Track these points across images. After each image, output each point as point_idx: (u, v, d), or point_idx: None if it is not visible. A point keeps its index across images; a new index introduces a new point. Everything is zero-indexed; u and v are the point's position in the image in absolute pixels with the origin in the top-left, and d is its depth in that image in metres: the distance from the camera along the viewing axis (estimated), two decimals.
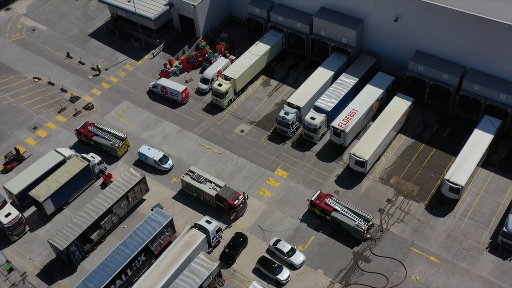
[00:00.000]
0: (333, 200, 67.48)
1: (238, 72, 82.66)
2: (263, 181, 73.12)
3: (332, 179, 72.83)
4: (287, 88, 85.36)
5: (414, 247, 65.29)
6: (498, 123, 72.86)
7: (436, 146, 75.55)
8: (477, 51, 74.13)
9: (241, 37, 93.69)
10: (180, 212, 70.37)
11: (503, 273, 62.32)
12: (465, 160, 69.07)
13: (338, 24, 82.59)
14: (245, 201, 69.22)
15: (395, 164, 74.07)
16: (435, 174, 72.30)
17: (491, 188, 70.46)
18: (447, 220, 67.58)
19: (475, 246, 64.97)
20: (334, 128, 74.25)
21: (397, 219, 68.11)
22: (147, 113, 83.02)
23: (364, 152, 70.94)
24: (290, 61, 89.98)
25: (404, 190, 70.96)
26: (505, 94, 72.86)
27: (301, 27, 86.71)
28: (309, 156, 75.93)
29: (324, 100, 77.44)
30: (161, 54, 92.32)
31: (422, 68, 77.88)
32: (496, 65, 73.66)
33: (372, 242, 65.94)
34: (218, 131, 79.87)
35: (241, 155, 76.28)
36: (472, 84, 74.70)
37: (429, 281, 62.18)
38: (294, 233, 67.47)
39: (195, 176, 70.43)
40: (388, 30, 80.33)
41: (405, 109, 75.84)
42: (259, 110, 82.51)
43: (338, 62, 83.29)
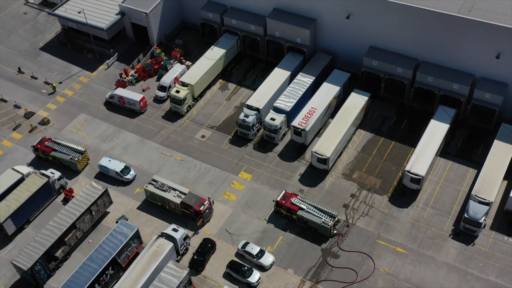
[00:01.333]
0: (298, 199, 67.88)
1: (195, 78, 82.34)
2: (227, 185, 72.99)
3: (296, 178, 73.28)
4: (245, 91, 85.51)
5: (380, 240, 66.28)
6: (453, 112, 74.70)
7: (395, 139, 76.94)
8: (428, 43, 75.89)
9: (196, 42, 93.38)
10: (146, 222, 69.57)
11: (467, 258, 63.89)
12: (424, 151, 70.55)
13: (292, 24, 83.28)
14: (210, 207, 68.94)
15: (357, 159, 75.07)
16: (396, 166, 73.60)
17: (451, 176, 72.18)
18: (411, 211, 68.87)
19: (439, 234, 66.39)
20: (295, 128, 74.75)
21: (362, 213, 69.03)
22: (106, 124, 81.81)
23: (326, 149, 71.64)
24: (247, 63, 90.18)
25: (367, 184, 71.97)
26: (458, 84, 74.81)
27: (255, 29, 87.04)
28: (272, 157, 76.21)
29: (282, 100, 77.89)
30: (116, 64, 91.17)
31: (376, 63, 79.23)
32: (448, 56, 75.56)
33: (339, 238, 66.61)
34: (179, 138, 79.34)
35: (204, 161, 75.97)
36: (425, 76, 76.43)
37: (397, 272, 63.23)
38: (262, 235, 67.56)
39: (159, 185, 69.76)
40: (341, 28, 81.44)
41: (363, 104, 76.97)
42: (219, 115, 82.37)
43: (294, 62, 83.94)
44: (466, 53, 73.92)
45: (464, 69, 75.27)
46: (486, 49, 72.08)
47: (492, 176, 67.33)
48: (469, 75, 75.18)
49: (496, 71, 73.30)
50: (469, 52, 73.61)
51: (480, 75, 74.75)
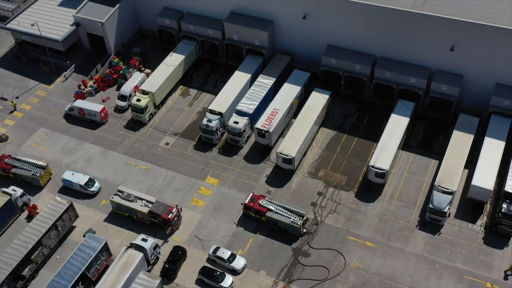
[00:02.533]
0: (266, 201, 68.09)
1: (155, 85, 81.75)
2: (194, 191, 72.68)
3: (262, 180, 73.49)
4: (207, 96, 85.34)
5: (349, 235, 67.03)
6: (412, 106, 76.17)
7: (358, 135, 78.00)
8: (384, 39, 77.25)
9: (154, 49, 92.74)
10: (114, 234, 68.64)
11: (434, 248, 65.21)
12: (386, 145, 71.70)
13: (249, 27, 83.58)
14: (179, 214, 68.51)
15: (321, 157, 75.78)
16: (360, 162, 74.62)
17: (413, 168, 73.57)
18: (377, 205, 69.90)
19: (406, 226, 67.58)
20: (258, 130, 74.98)
21: (330, 210, 69.70)
22: (66, 137, 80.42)
23: (290, 149, 72.09)
24: (207, 68, 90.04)
25: (333, 181, 72.72)
26: (415, 78, 76.36)
27: (213, 33, 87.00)
28: (237, 160, 76.24)
29: (245, 103, 78.04)
30: (74, 76, 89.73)
31: (335, 62, 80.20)
32: (404, 51, 77.04)
33: (309, 236, 67.10)
34: (143, 146, 78.61)
35: (169, 168, 75.45)
36: (383, 71, 77.76)
37: (368, 266, 64.06)
38: (232, 239, 67.50)
39: (125, 195, 68.95)
40: (298, 28, 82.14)
41: (324, 103, 77.76)
42: (182, 121, 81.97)
43: (253, 64, 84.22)
44: (422, 47, 75.55)
45: (421, 62, 76.89)
46: (440, 42, 73.81)
47: (454, 166, 68.91)
48: (426, 68, 76.84)
49: (451, 63, 75.13)
50: (424, 46, 75.24)
51: (436, 68, 76.49)
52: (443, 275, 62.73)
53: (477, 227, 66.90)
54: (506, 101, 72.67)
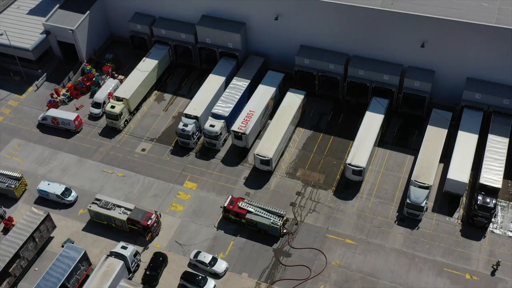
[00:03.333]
0: (246, 203, 68.08)
1: (129, 91, 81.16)
2: (173, 196, 72.32)
3: (241, 182, 73.47)
4: (182, 100, 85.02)
5: (329, 234, 67.40)
6: (386, 103, 76.97)
7: (334, 134, 78.49)
8: (356, 38, 77.91)
9: (127, 55, 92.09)
10: (93, 243, 67.92)
11: (413, 242, 65.94)
12: (362, 143, 72.30)
13: (221, 30, 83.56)
14: (158, 220, 68.09)
15: (299, 157, 76.07)
16: (337, 160, 75.10)
17: (390, 164, 74.33)
18: (356, 202, 70.42)
19: (384, 222, 68.21)
20: (235, 132, 74.96)
21: (309, 209, 70.00)
22: (41, 147, 79.33)
23: (268, 150, 72.23)
24: (180, 72, 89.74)
25: (311, 181, 73.04)
26: (388, 75, 77.18)
27: (186, 37, 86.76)
28: (215, 163, 76.10)
29: (220, 106, 77.97)
30: (46, 85, 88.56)
31: (309, 62, 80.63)
32: (376, 49, 77.80)
33: (289, 237, 67.28)
34: (119, 153, 77.96)
35: (147, 174, 74.96)
36: (356, 70, 78.42)
37: (349, 263, 64.48)
38: (213, 242, 67.34)
39: (103, 203, 68.29)
40: (270, 29, 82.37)
41: (299, 103, 78.09)
42: (157, 126, 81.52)
43: (227, 67, 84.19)
44: (393, 44, 76.41)
45: (393, 60, 77.75)
46: (411, 39, 74.74)
47: (429, 161, 69.80)
48: (398, 65, 77.70)
49: (423, 60, 76.12)
50: (396, 43, 76.12)
51: (408, 64, 77.42)
52: (423, 268, 63.47)
53: (454, 220, 67.87)
54: (477, 95, 73.89)
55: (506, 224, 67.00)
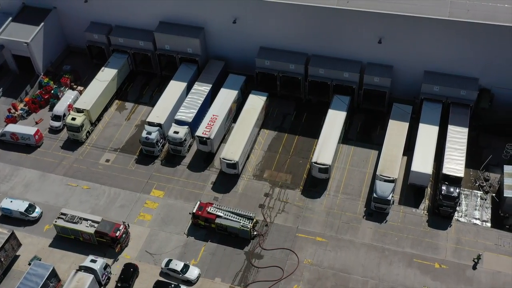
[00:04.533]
0: (214, 207, 67.87)
1: (90, 102, 79.97)
2: (140, 206, 71.54)
3: (208, 187, 73.20)
4: (144, 108, 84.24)
5: (300, 233, 67.73)
6: (347, 100, 77.86)
7: (298, 133, 78.99)
8: (315, 37, 78.61)
9: (85, 66, 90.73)
10: (61, 259, 66.59)
11: (382, 235, 66.86)
12: (327, 141, 72.95)
13: (180, 36, 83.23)
14: (127, 231, 67.24)
15: (265, 158, 76.26)
16: (303, 160, 75.59)
17: (355, 160, 75.21)
18: (324, 200, 70.98)
19: (353, 217, 68.96)
20: (199, 137, 74.67)
21: (278, 210, 70.21)
22: (1, 164, 77.36)
23: (233, 154, 72.17)
24: (141, 80, 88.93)
25: (279, 181, 73.31)
26: (348, 72, 78.13)
27: (144, 44, 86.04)
28: (181, 170, 75.62)
29: (183, 112, 77.56)
30: (2, 100, 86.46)
31: (269, 63, 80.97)
32: (335, 47, 78.62)
33: (260, 238, 67.34)
34: (83, 166, 76.69)
35: (112, 185, 73.95)
36: (317, 69, 79.13)
37: (321, 261, 64.93)
38: (184, 249, 66.86)
39: (69, 217, 67.07)
40: (229, 33, 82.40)
41: (262, 104, 78.32)
42: (120, 136, 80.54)
43: (188, 72, 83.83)
44: (351, 42, 77.38)
45: (352, 57, 78.72)
46: (368, 36, 75.83)
47: (393, 154, 70.90)
48: (357, 62, 78.72)
49: (381, 56, 77.32)
50: (354, 40, 77.11)
51: (367, 61, 78.51)
52: (393, 261, 64.40)
53: (421, 211, 69.10)
54: (435, 87, 75.45)
55: (470, 212, 68.60)
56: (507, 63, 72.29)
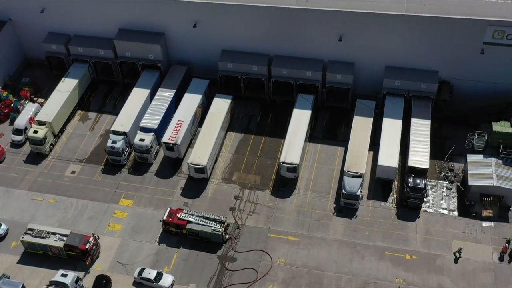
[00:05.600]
0: (185, 213, 67.48)
1: (51, 114, 78.58)
2: (109, 216, 70.59)
3: (177, 193, 72.74)
4: (107, 117, 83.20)
5: (271, 233, 67.87)
6: (311, 98, 78.46)
7: (265, 134, 79.20)
8: (276, 38, 78.92)
9: (45, 77, 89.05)
10: (31, 275, 65.18)
11: (353, 231, 67.54)
12: (293, 140, 73.34)
13: (141, 42, 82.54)
14: (97, 242, 66.26)
15: (233, 161, 76.19)
16: (271, 160, 75.79)
17: (322, 158, 75.80)
18: (294, 199, 71.31)
19: (324, 215, 69.45)
20: (166, 144, 74.15)
21: (249, 211, 70.23)
22: None
23: (201, 158, 71.90)
24: (103, 89, 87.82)
25: (248, 183, 73.34)
26: (311, 71, 78.72)
27: (105, 53, 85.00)
28: (149, 177, 74.94)
29: (148, 119, 76.90)
30: None
31: (232, 65, 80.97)
32: (296, 46, 79.07)
33: (232, 241, 67.22)
34: (48, 179, 75.26)
35: (79, 197, 72.79)
36: (279, 69, 79.51)
37: (294, 260, 65.18)
38: (156, 257, 66.26)
39: (36, 232, 65.71)
40: (190, 37, 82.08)
41: (227, 107, 78.25)
42: (85, 147, 79.36)
43: (151, 79, 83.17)
44: (312, 40, 77.97)
45: (314, 56, 79.32)
46: (328, 34, 76.51)
47: (359, 150, 71.71)
48: (319, 61, 79.35)
49: (342, 53, 78.12)
50: (314, 39, 77.73)
51: (329, 59, 79.25)
52: (365, 255, 65.11)
53: (389, 204, 70.08)
54: (396, 82, 76.65)
55: (437, 202, 69.90)
56: (464, 55, 74.00)
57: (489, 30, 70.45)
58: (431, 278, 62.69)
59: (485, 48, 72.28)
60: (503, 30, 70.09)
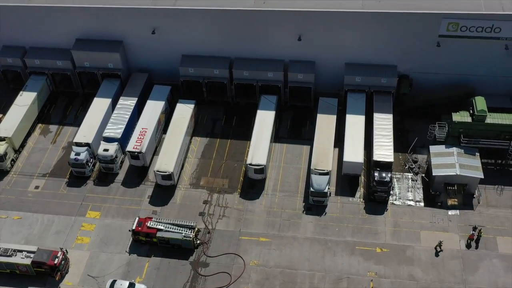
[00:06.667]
0: (154, 221, 66.81)
1: (11, 129, 76.80)
2: (77, 230, 69.36)
3: (145, 201, 72.00)
4: (69, 129, 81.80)
5: (243, 236, 67.81)
6: (274, 99, 78.76)
7: (230, 137, 79.14)
8: (236, 40, 78.93)
9: (1, 92, 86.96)
10: None
11: (323, 228, 68.04)
12: (259, 141, 73.48)
13: (99, 51, 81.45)
14: (65, 257, 65.01)
15: (199, 166, 75.88)
16: (238, 163, 75.76)
17: (289, 157, 76.16)
18: (262, 200, 71.41)
19: (293, 214, 69.76)
20: (131, 152, 73.36)
21: (219, 215, 70.02)
22: None
23: (167, 165, 71.37)
24: (63, 101, 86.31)
25: (216, 187, 73.12)
26: (272, 72, 79.10)
27: (63, 64, 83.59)
28: (115, 187, 73.97)
29: (111, 128, 75.92)
30: None
31: (193, 70, 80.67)
32: (257, 48, 79.24)
33: (204, 246, 66.91)
34: (11, 196, 73.49)
35: (45, 212, 71.30)
36: (241, 71, 79.59)
37: (266, 260, 65.25)
38: (128, 268, 65.41)
39: (1, 251, 64.00)
40: (149, 44, 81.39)
41: (191, 113, 77.89)
42: (48, 161, 77.81)
43: (111, 88, 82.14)
44: (272, 41, 78.28)
45: (274, 56, 79.64)
46: (287, 34, 76.94)
47: (324, 148, 72.30)
48: (280, 61, 79.71)
49: (302, 52, 78.67)
50: (274, 40, 78.05)
51: (289, 59, 79.70)
52: (337, 251, 65.66)
53: (357, 199, 70.87)
54: (357, 78, 77.62)
55: (403, 194, 71.06)
56: (421, 49, 75.46)
57: (444, 23, 72.08)
58: (402, 269, 63.63)
59: (440, 40, 73.90)
60: (457, 23, 71.80)
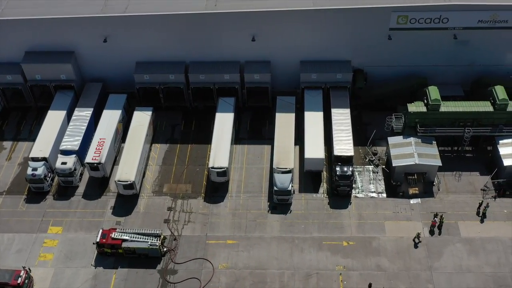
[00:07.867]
0: (118, 232, 65.74)
1: None
2: (39, 247, 67.59)
3: (108, 213, 70.79)
4: (24, 144, 79.70)
5: (209, 240, 67.44)
6: (232, 101, 78.70)
7: (190, 142, 78.67)
8: (190, 44, 78.50)
9: None
10: None
11: (289, 226, 68.31)
12: (220, 144, 73.24)
13: (50, 63, 79.71)
14: (29, 275, 63.26)
15: (161, 173, 75.12)
16: (200, 167, 75.36)
17: (250, 158, 76.21)
18: (227, 202, 71.21)
19: (259, 214, 69.80)
20: (90, 164, 72.00)
21: (184, 221, 69.47)
22: None
23: (128, 174, 70.37)
24: (16, 116, 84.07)
25: (180, 193, 72.52)
26: (228, 74, 79.01)
27: (13, 78, 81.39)
28: (76, 201, 72.49)
29: (68, 141, 74.36)
30: None
31: (148, 77, 79.85)
32: (211, 51, 78.92)
33: (171, 254, 66.23)
34: None
35: (4, 231, 69.21)
36: (197, 75, 79.21)
37: (235, 263, 65.06)
38: (94, 282, 64.12)
39: None
40: (102, 53, 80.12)
41: (148, 120, 77.04)
42: (4, 178, 75.62)
43: (66, 99, 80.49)
44: (226, 43, 78.17)
45: (229, 58, 79.54)
46: (241, 35, 77.00)
47: (285, 146, 72.62)
48: (235, 63, 79.68)
49: (257, 53, 78.84)
50: (228, 42, 77.97)
51: (244, 60, 79.79)
52: (304, 248, 66.01)
53: (321, 195, 71.46)
54: (313, 75, 78.37)
55: (365, 186, 72.03)
56: (373, 42, 76.71)
57: (393, 16, 73.49)
58: (369, 260, 64.47)
59: (391, 33, 75.31)
60: (406, 15, 73.29)
